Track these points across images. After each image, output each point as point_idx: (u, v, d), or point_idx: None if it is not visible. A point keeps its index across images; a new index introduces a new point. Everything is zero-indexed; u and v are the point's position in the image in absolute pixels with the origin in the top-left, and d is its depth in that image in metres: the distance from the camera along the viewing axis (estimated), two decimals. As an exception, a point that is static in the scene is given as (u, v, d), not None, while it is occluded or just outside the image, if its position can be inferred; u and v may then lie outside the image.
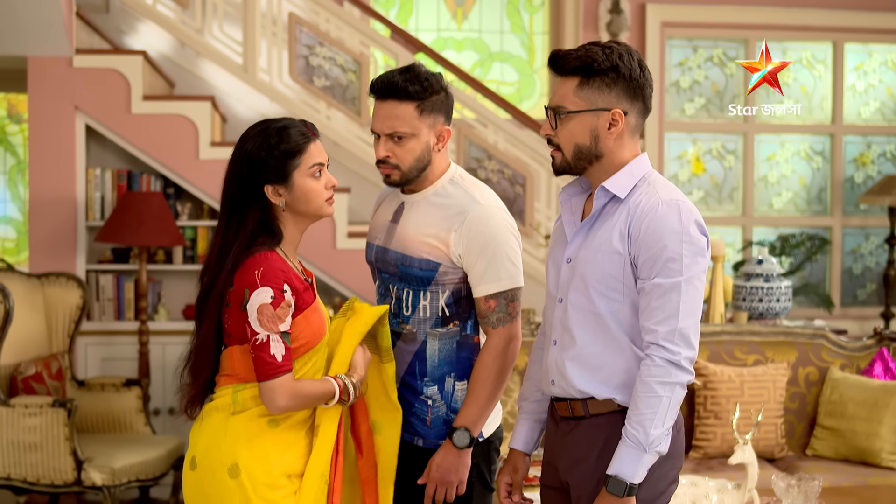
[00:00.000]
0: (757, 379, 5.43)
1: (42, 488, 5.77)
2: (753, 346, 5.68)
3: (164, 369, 6.81)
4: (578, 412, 3.04)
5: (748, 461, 4.37)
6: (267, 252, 3.10)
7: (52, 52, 6.64)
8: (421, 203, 3.46)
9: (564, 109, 3.00)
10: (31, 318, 6.23)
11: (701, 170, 9.34)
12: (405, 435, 3.50)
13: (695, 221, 2.93)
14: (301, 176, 3.14)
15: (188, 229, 6.96)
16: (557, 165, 3.08)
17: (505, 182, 7.23)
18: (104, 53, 6.86)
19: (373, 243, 3.56)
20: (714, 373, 5.42)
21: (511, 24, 9.26)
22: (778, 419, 5.46)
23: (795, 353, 5.70)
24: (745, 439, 4.36)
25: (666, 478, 3.03)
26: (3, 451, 5.72)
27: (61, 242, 6.78)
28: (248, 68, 7.04)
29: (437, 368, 3.46)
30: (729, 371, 5.44)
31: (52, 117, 6.73)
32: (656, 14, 9.01)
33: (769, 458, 5.48)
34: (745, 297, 6.01)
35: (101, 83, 6.75)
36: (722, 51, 9.28)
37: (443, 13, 9.22)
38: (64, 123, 6.75)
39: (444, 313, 3.44)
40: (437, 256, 3.38)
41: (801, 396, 5.68)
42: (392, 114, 3.35)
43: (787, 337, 5.73)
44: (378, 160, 3.41)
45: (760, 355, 5.66)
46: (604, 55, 2.96)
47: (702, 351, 5.61)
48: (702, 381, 5.43)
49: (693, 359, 2.92)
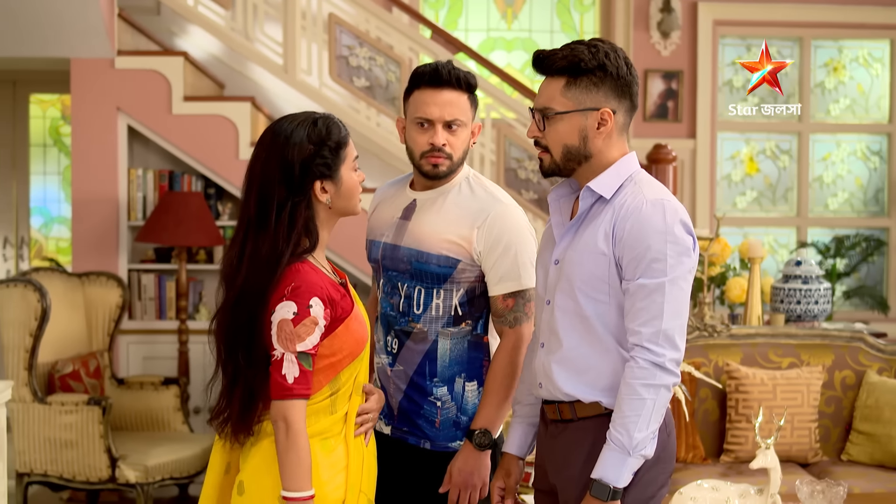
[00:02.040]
0: (790, 382, 5.34)
1: (78, 485, 5.84)
2: (789, 348, 5.58)
3: (204, 368, 6.86)
4: (566, 415, 3.00)
5: (771, 466, 4.29)
6: (299, 264, 2.88)
7: (95, 53, 6.71)
8: (437, 200, 3.44)
9: (552, 110, 2.96)
10: (70, 316, 6.31)
11: (754, 170, 9.21)
12: (410, 438, 3.48)
13: (680, 221, 2.88)
14: (347, 170, 2.98)
15: (229, 229, 7.00)
16: (546, 167, 3.04)
17: (546, 182, 7.19)
18: (145, 55, 6.92)
19: (378, 241, 3.53)
20: (746, 376, 5.33)
21: (561, 23, 9.20)
22: (812, 423, 5.36)
23: (832, 357, 5.59)
24: (767, 444, 4.29)
25: (654, 482, 2.97)
26: (40, 448, 5.79)
27: (104, 242, 6.86)
28: (288, 69, 7.06)
29: (447, 369, 3.44)
30: (762, 374, 5.35)
31: (95, 118, 6.81)
32: (708, 12, 8.90)
33: (803, 463, 5.38)
34: (782, 299, 5.91)
35: (142, 84, 6.81)
36: (776, 49, 9.14)
37: (492, 13, 9.19)
38: (106, 124, 6.82)
39: (457, 312, 3.42)
40: (457, 253, 3.38)
41: (836, 400, 5.58)
42: (452, 101, 3.36)
43: (823, 340, 5.62)
44: (434, 148, 3.36)
45: (796, 358, 5.56)
46: (590, 54, 2.92)
47: (735, 353, 5.53)
48: (734, 384, 5.35)
49: (679, 360, 2.87)
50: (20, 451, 5.85)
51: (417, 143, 3.38)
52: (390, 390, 3.49)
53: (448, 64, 3.38)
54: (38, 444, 5.80)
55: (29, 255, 9.16)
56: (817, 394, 5.38)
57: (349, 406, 3.00)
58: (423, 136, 3.37)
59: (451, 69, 3.36)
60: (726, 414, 5.39)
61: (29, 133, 9.19)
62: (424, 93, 3.36)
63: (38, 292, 5.75)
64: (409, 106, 3.42)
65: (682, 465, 5.25)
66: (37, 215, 9.29)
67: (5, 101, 9.14)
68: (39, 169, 9.23)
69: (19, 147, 9.16)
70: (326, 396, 2.93)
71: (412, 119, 3.40)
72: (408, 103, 3.43)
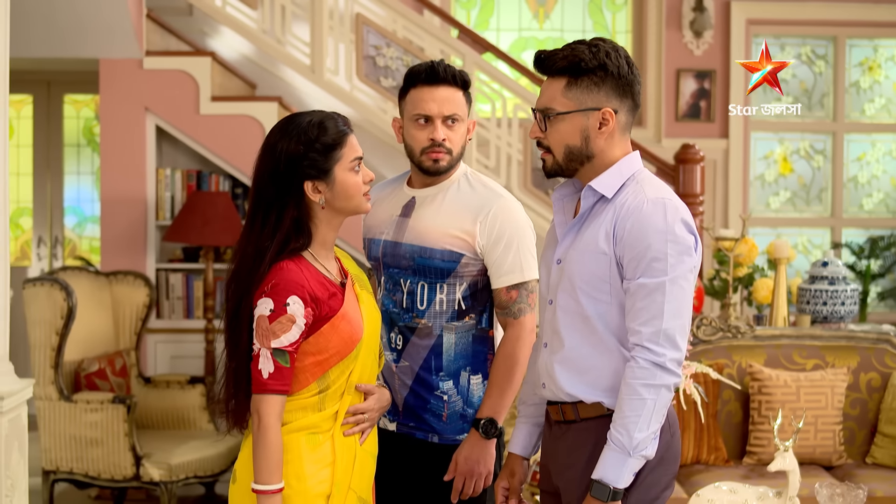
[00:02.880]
0: (814, 384, 5.28)
1: (103, 482, 5.88)
2: (813, 350, 5.53)
3: (231, 367, 6.86)
4: (569, 416, 2.99)
5: (789, 468, 4.25)
6: (285, 262, 2.92)
7: (123, 54, 6.75)
8: (437, 196, 3.50)
9: (553, 111, 2.94)
10: (97, 315, 6.35)
11: (788, 170, 9.14)
12: (417, 433, 3.51)
13: (681, 220, 2.86)
14: (342, 170, 2.98)
15: (256, 229, 7.01)
16: (549, 168, 3.03)
17: (573, 182, 7.15)
18: (173, 55, 6.96)
19: (378, 238, 3.56)
20: (769, 377, 5.28)
21: (593, 23, 9.17)
22: (836, 426, 5.30)
23: (857, 359, 5.53)
24: (785, 446, 4.25)
25: (658, 484, 2.95)
26: (65, 446, 5.84)
27: (132, 242, 6.90)
28: (315, 69, 7.07)
29: (452, 363, 3.48)
30: (785, 376, 5.30)
31: (123, 118, 6.85)
32: (741, 11, 8.84)
33: (827, 466, 5.32)
34: (808, 301, 5.85)
35: (170, 84, 6.85)
36: (810, 48, 9.08)
37: (524, 13, 9.17)
38: (134, 124, 6.86)
39: (461, 306, 3.47)
40: (460, 248, 3.43)
41: (862, 403, 5.52)
42: (449, 97, 3.44)
43: (848, 341, 5.56)
44: (435, 144, 3.43)
45: (820, 360, 5.51)
46: (590, 54, 2.90)
47: (759, 355, 5.48)
48: (756, 385, 5.30)
49: (680, 360, 2.85)
50: (46, 448, 5.89)
51: (417, 139, 3.46)
52: (395, 386, 3.52)
53: (442, 62, 3.47)
54: (63, 441, 5.84)
55: (63, 254, 9.23)
56: (842, 396, 5.32)
57: (340, 404, 3.03)
58: (422, 132, 3.45)
59: (446, 66, 3.45)
60: (749, 416, 5.35)
61: (63, 133, 9.26)
62: (422, 90, 3.44)
63: (64, 291, 5.79)
64: (406, 105, 3.49)
65: (704, 467, 5.22)
66: (71, 215, 9.36)
67: (40, 102, 9.22)
68: (73, 169, 9.30)
69: (53, 147, 9.23)
70: (315, 393, 2.97)
71: (410, 117, 3.47)
72: (405, 102, 3.50)
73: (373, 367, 3.12)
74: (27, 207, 9.29)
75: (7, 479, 4.47)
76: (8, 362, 4.57)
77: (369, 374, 3.11)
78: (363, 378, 3.08)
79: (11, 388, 4.50)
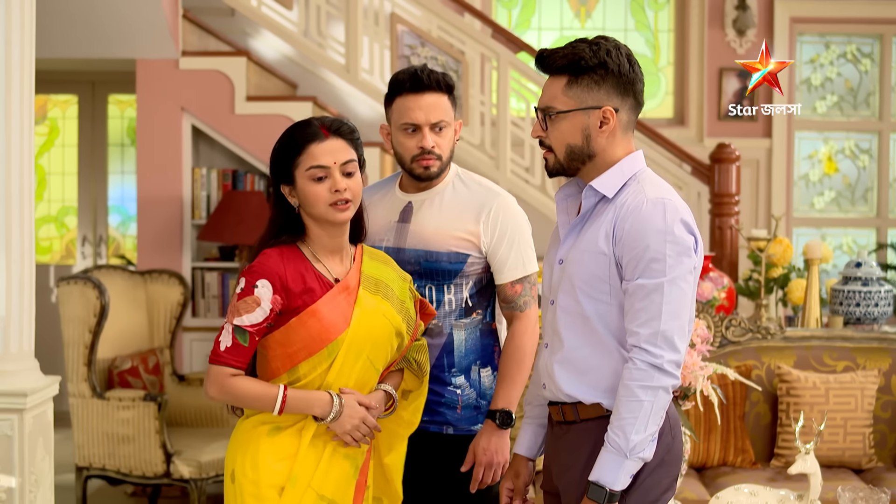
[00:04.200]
0: (843, 386, 5.21)
1: (134, 479, 5.92)
2: (844, 352, 5.45)
3: (265, 366, 6.90)
4: (569, 416, 2.98)
5: (810, 471, 4.21)
6: (270, 249, 3.03)
7: (159, 54, 6.81)
8: (434, 199, 3.55)
9: (554, 110, 2.93)
10: (131, 313, 6.40)
11: (833, 170, 9.04)
12: (431, 426, 3.54)
13: (680, 220, 2.83)
14: (300, 178, 3.02)
15: (291, 228, 7.04)
16: (550, 167, 3.02)
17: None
18: (209, 55, 7.01)
19: (378, 245, 3.54)
20: (797, 379, 5.22)
21: (636, 21, 9.13)
22: (866, 429, 5.23)
23: (889, 361, 5.45)
24: (806, 448, 4.21)
25: (658, 486, 2.92)
26: (98, 443, 5.89)
27: (168, 240, 6.96)
28: (350, 69, 7.09)
29: (464, 358, 3.54)
30: (814, 377, 5.24)
31: (160, 118, 6.91)
32: (785, 10, 8.76)
33: (856, 469, 5.25)
34: (841, 302, 5.76)
35: (206, 84, 6.90)
36: (856, 46, 8.98)
37: (566, 12, 9.14)
38: (171, 124, 6.92)
39: (468, 304, 3.54)
40: (466, 248, 3.49)
41: (893, 405, 5.43)
42: (435, 104, 3.46)
43: (880, 343, 5.48)
44: (424, 151, 3.46)
45: (851, 362, 5.43)
46: (591, 52, 2.88)
47: (788, 356, 5.42)
48: (785, 387, 5.25)
49: (679, 362, 2.83)
50: (79, 445, 5.95)
51: (406, 147, 3.48)
52: None
53: (425, 68, 3.49)
54: (96, 438, 5.90)
55: (107, 252, 9.32)
56: (872, 398, 5.25)
57: None
58: (411, 140, 3.47)
59: (429, 73, 3.47)
60: (777, 418, 5.29)
61: (107, 133, 9.35)
62: (407, 99, 3.45)
63: (97, 290, 5.84)
64: (392, 113, 3.51)
65: (731, 469, 5.17)
66: (115, 214, 9.46)
67: (85, 102, 9.32)
68: (117, 168, 9.39)
69: (98, 147, 9.33)
70: (284, 383, 3.02)
71: (398, 126, 3.49)
72: (391, 110, 3.52)
73: (365, 372, 3.11)
74: (72, 207, 9.40)
75: (31, 475, 4.51)
76: (33, 359, 4.62)
77: (358, 378, 3.10)
78: (349, 382, 3.08)
79: (36, 384, 4.54)
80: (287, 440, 3.02)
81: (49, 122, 9.41)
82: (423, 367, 3.28)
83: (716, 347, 5.38)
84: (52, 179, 9.43)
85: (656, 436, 2.84)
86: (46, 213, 9.44)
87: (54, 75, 8.95)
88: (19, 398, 4.42)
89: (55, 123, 9.42)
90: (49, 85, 9.15)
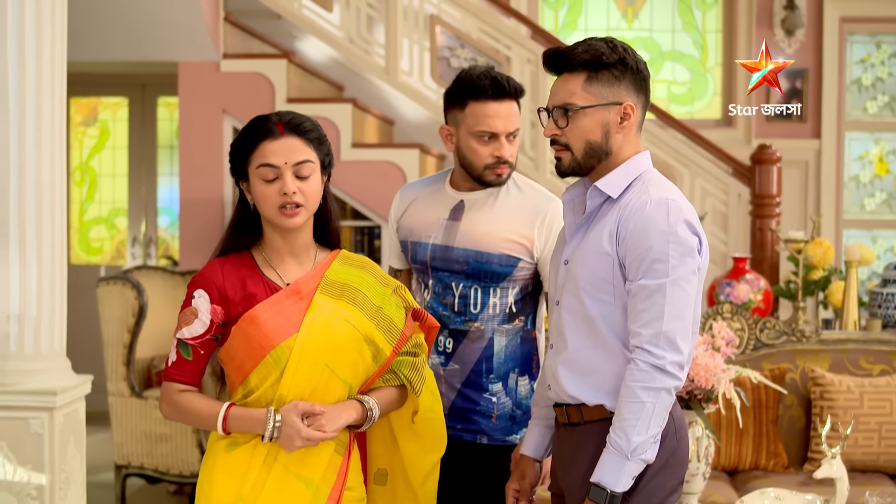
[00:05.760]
0: (879, 390, 5.14)
1: (171, 478, 5.99)
2: (881, 355, 5.37)
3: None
4: (573, 418, 2.95)
5: (836, 476, 4.15)
6: (217, 258, 2.86)
7: (201, 57, 6.88)
8: (488, 200, 3.46)
9: (574, 105, 2.89)
10: (170, 314, 6.45)
11: (884, 171, 8.92)
12: (465, 435, 3.49)
13: (684, 221, 2.80)
14: (252, 175, 2.80)
15: (330, 229, 7.07)
16: (566, 166, 2.98)
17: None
18: (250, 58, 7.07)
19: (425, 242, 3.50)
20: (831, 382, 5.16)
21: (683, 22, 9.07)
22: (903, 433, 5.15)
23: (927, 364, 5.37)
24: (832, 453, 4.15)
25: (662, 489, 2.89)
26: (136, 441, 5.96)
27: (209, 241, 7.00)
28: (389, 70, 7.11)
29: (502, 365, 3.47)
30: (849, 381, 5.17)
31: (201, 120, 6.97)
32: (835, 9, 8.66)
33: (892, 474, 5.16)
34: (880, 304, 5.69)
35: (246, 86, 6.96)
36: (907, 47, 8.86)
37: (612, 12, 9.10)
38: (212, 126, 6.98)
39: (512, 310, 3.46)
40: (518, 252, 3.41)
41: (931, 410, 5.34)
42: (513, 112, 3.38)
43: (919, 347, 5.40)
44: (500, 161, 3.38)
45: (888, 365, 5.35)
46: (608, 48, 2.87)
47: (823, 359, 5.35)
48: (818, 391, 5.18)
49: (681, 363, 2.80)
50: (118, 443, 6.02)
51: (480, 155, 3.37)
52: (442, 390, 3.46)
53: (502, 75, 3.38)
54: (134, 437, 5.96)
55: (156, 253, 9.41)
56: (908, 402, 5.17)
57: None
58: (486, 148, 3.36)
59: (508, 79, 3.36)
60: (811, 422, 5.23)
61: (156, 135, 9.45)
62: (487, 105, 3.33)
63: (136, 290, 5.91)
64: (466, 117, 3.37)
65: (762, 473, 5.11)
66: (164, 215, 9.55)
67: (135, 104, 9.43)
68: (166, 170, 9.48)
69: (147, 148, 9.43)
70: (240, 397, 2.83)
71: (473, 132, 3.36)
72: (462, 114, 3.37)
73: (325, 382, 2.83)
74: (122, 208, 9.50)
75: (62, 473, 4.57)
76: (64, 358, 4.67)
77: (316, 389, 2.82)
78: (305, 393, 2.81)
79: (67, 383, 4.60)
80: (241, 457, 2.80)
81: (100, 124, 9.52)
82: (414, 385, 2.95)
83: (750, 350, 5.33)
84: (103, 181, 9.54)
85: (659, 437, 2.81)
86: (97, 215, 9.55)
87: (105, 78, 9.07)
88: (49, 396, 4.48)
89: (106, 126, 9.53)
90: (99, 87, 9.28)
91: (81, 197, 9.54)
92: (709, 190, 7.20)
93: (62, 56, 4.63)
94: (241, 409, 2.77)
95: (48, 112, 4.53)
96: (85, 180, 9.53)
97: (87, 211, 9.56)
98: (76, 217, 9.51)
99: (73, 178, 9.44)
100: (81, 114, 9.54)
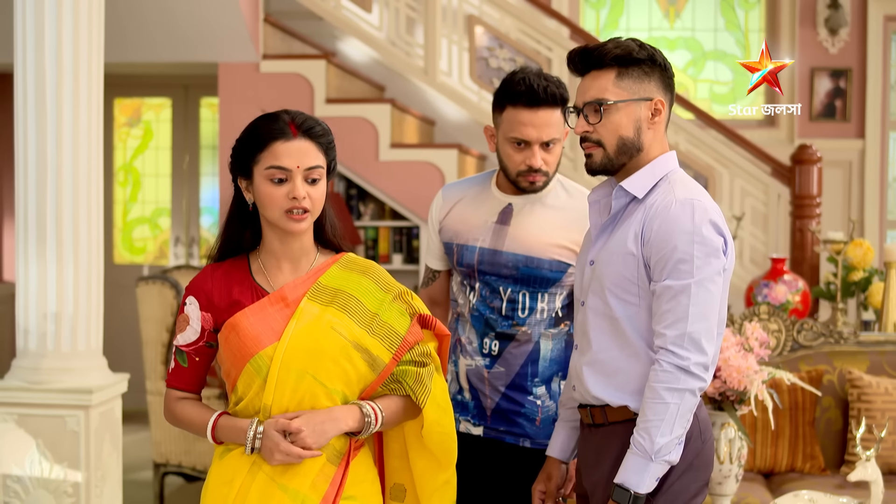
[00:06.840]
0: (917, 393, 5.09)
1: (209, 476, 6.01)
2: (920, 357, 5.32)
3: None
4: (598, 419, 2.95)
5: (871, 479, 4.12)
6: (211, 264, 2.81)
7: (241, 58, 6.91)
8: (536, 204, 3.43)
9: (607, 101, 2.88)
10: (207, 313, 6.50)
11: (930, 171, 8.84)
12: (508, 437, 3.48)
13: (709, 221, 2.80)
14: (258, 175, 2.71)
15: (370, 229, 7.10)
16: (597, 164, 2.96)
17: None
18: (289, 58, 7.10)
19: (473, 245, 3.46)
20: (869, 384, 5.11)
21: (725, 21, 9.02)
22: (943, 436, 5.10)
23: (968, 367, 5.31)
24: (867, 455, 4.12)
25: (686, 491, 2.88)
26: (174, 440, 6.00)
27: (249, 241, 7.04)
28: (428, 70, 7.12)
29: (547, 369, 3.46)
30: (887, 383, 5.12)
31: (241, 120, 6.90)
32: (879, 8, 8.59)
33: (930, 478, 5.12)
34: (920, 306, 5.63)
35: (285, 87, 6.98)
36: (953, 46, 8.77)
37: (654, 12, 9.07)
38: (251, 126, 6.99)
39: (558, 314, 3.45)
40: (568, 258, 3.38)
41: (971, 413, 5.28)
42: (549, 121, 3.30)
43: (958, 349, 5.34)
44: (531, 169, 3.33)
45: (928, 368, 5.30)
46: (637, 46, 2.89)
47: (862, 361, 5.30)
48: (856, 392, 5.14)
49: (706, 364, 2.79)
50: (157, 442, 6.06)
51: (513, 160, 3.34)
52: (485, 391, 3.48)
53: (541, 80, 3.29)
54: (172, 435, 6.00)
55: (199, 253, 9.47)
56: (948, 406, 5.11)
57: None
58: (519, 155, 3.33)
59: (545, 87, 3.27)
60: (848, 424, 5.18)
61: (199, 135, 9.50)
62: (521, 113, 3.28)
63: (174, 289, 5.95)
64: (502, 122, 3.34)
65: (798, 476, 5.07)
66: (206, 215, 9.60)
67: (178, 105, 9.49)
68: (209, 170, 9.54)
69: (190, 149, 9.48)
70: (232, 405, 2.76)
71: (507, 137, 3.33)
72: (501, 118, 3.34)
73: (311, 393, 2.69)
74: (166, 208, 9.57)
75: (97, 470, 4.61)
76: (100, 357, 4.72)
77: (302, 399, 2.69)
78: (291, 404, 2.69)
79: (103, 382, 4.65)
80: (232, 463, 2.71)
81: (143, 124, 9.59)
82: (418, 397, 2.77)
83: (787, 352, 5.29)
84: (146, 181, 9.61)
85: (683, 439, 2.80)
86: (141, 215, 9.63)
87: (148, 79, 9.14)
88: (85, 395, 4.53)
89: (149, 126, 9.60)
90: (143, 88, 9.35)
91: (125, 197, 9.61)
92: (748, 190, 7.16)
93: (99, 58, 4.67)
94: (230, 419, 2.70)
95: (85, 114, 4.58)
96: (128, 180, 9.60)
97: (130, 211, 9.62)
98: (120, 217, 9.58)
99: (116, 179, 9.51)
100: (125, 114, 9.62)
